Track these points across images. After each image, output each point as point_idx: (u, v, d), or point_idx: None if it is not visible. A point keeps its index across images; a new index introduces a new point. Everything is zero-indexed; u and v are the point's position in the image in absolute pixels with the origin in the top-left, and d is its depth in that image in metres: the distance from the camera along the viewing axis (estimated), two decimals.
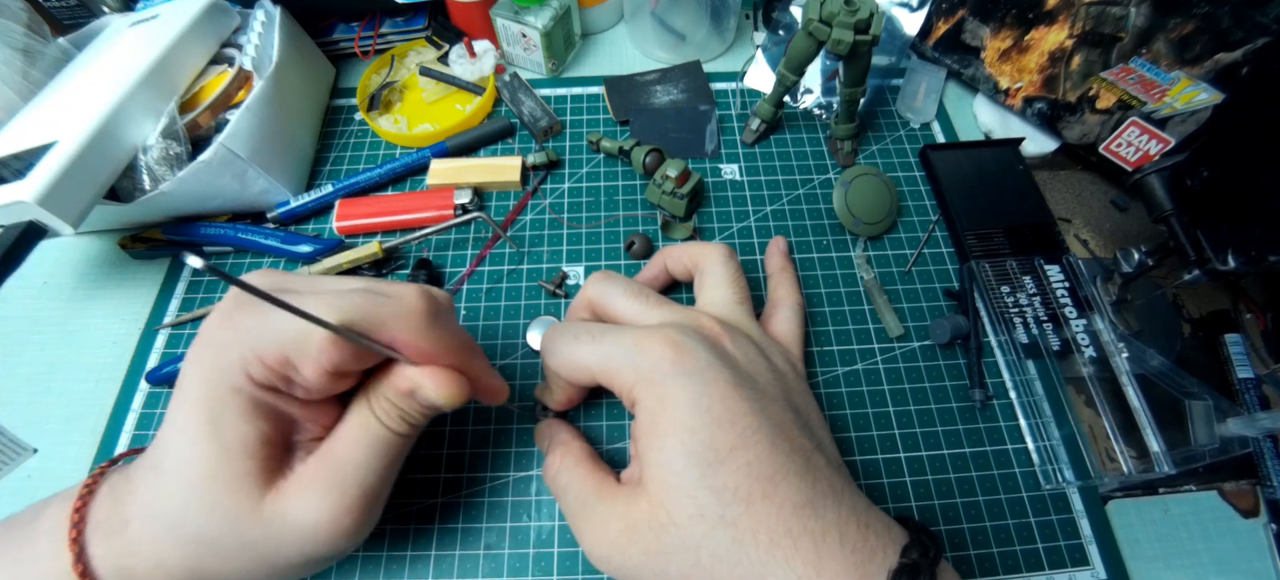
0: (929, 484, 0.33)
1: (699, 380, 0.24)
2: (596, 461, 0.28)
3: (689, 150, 0.45)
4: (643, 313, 0.29)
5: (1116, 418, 0.33)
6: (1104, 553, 0.31)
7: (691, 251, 0.33)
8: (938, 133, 0.47)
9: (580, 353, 0.27)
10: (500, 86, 0.48)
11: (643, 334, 0.26)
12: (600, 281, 0.31)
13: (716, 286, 0.31)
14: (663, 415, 0.24)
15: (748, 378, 0.26)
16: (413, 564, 0.31)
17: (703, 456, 0.23)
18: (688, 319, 0.28)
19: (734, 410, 0.24)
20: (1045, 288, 0.38)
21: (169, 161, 0.37)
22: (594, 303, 0.31)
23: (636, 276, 0.35)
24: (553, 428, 0.31)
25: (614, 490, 0.26)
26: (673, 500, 0.23)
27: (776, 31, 0.52)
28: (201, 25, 0.42)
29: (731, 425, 0.23)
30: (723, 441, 0.23)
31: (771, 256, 0.38)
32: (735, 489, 0.22)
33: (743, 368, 0.26)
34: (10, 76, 0.39)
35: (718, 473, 0.22)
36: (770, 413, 0.25)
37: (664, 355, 0.25)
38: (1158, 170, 0.35)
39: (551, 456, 0.29)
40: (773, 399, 0.26)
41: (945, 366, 0.36)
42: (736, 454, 0.23)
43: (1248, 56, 0.34)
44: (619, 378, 0.26)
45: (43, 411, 0.36)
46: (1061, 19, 0.41)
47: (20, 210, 0.32)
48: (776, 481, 0.22)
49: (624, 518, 0.24)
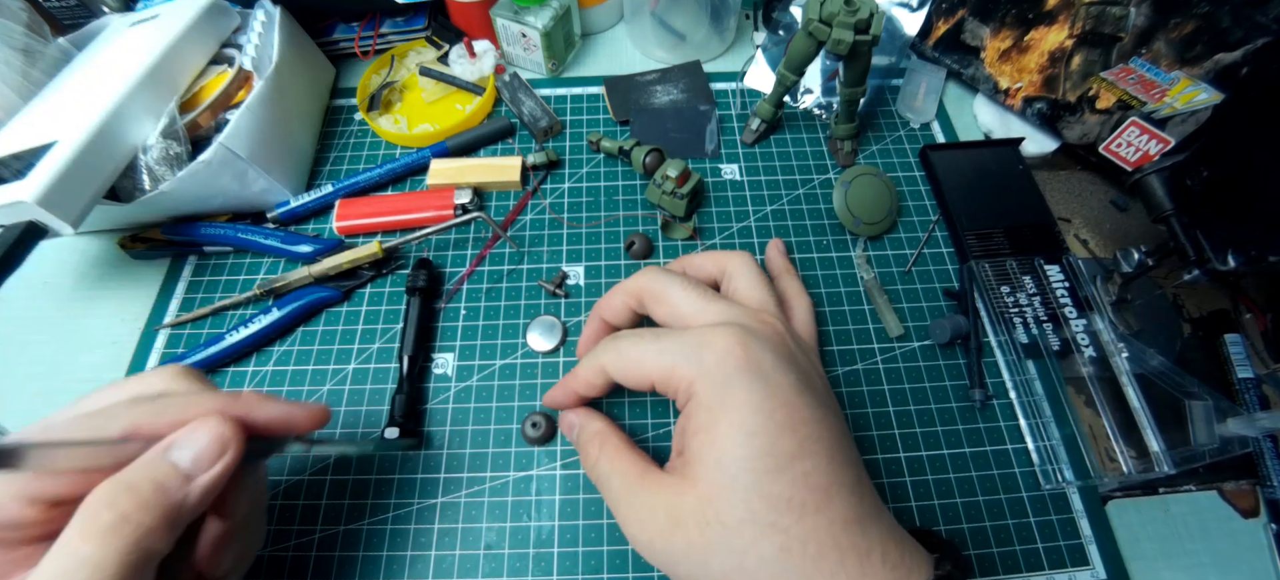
0: (929, 484, 0.33)
1: (764, 383, 0.23)
2: (636, 448, 0.27)
3: (689, 150, 0.45)
4: (702, 307, 0.27)
5: (1116, 418, 0.33)
6: (1104, 553, 0.31)
7: (716, 258, 0.32)
8: (938, 133, 0.47)
9: (646, 353, 0.26)
10: (500, 86, 0.48)
11: (707, 330, 0.25)
12: (656, 274, 0.29)
13: (754, 288, 0.30)
14: (723, 414, 0.23)
15: (809, 384, 0.25)
16: (413, 564, 0.31)
17: (761, 462, 0.22)
18: (750, 318, 0.27)
19: (796, 417, 0.23)
20: (1045, 288, 0.38)
21: (169, 161, 0.37)
22: (645, 294, 0.29)
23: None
24: (583, 417, 0.29)
25: (659, 479, 0.25)
26: (724, 500, 0.22)
27: (776, 31, 0.52)
28: (201, 25, 0.42)
29: (793, 432, 0.23)
30: (783, 448, 0.22)
31: (773, 258, 0.37)
32: (789, 498, 0.22)
33: (806, 372, 0.26)
34: (10, 76, 0.39)
35: (775, 480, 0.22)
36: (829, 423, 0.24)
37: (730, 351, 0.24)
38: (1158, 170, 0.35)
39: (589, 446, 0.28)
40: (830, 408, 0.25)
41: (945, 366, 0.36)
42: (795, 463, 0.22)
43: (1248, 56, 0.34)
44: (678, 373, 0.25)
45: (43, 411, 0.35)
46: (1061, 19, 0.41)
47: (20, 210, 0.32)
48: (830, 495, 0.22)
49: (669, 508, 0.24)
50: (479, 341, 0.37)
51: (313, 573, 0.31)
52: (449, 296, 0.39)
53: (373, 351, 0.37)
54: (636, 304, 0.30)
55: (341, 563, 0.31)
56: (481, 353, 0.37)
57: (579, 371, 0.29)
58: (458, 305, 0.39)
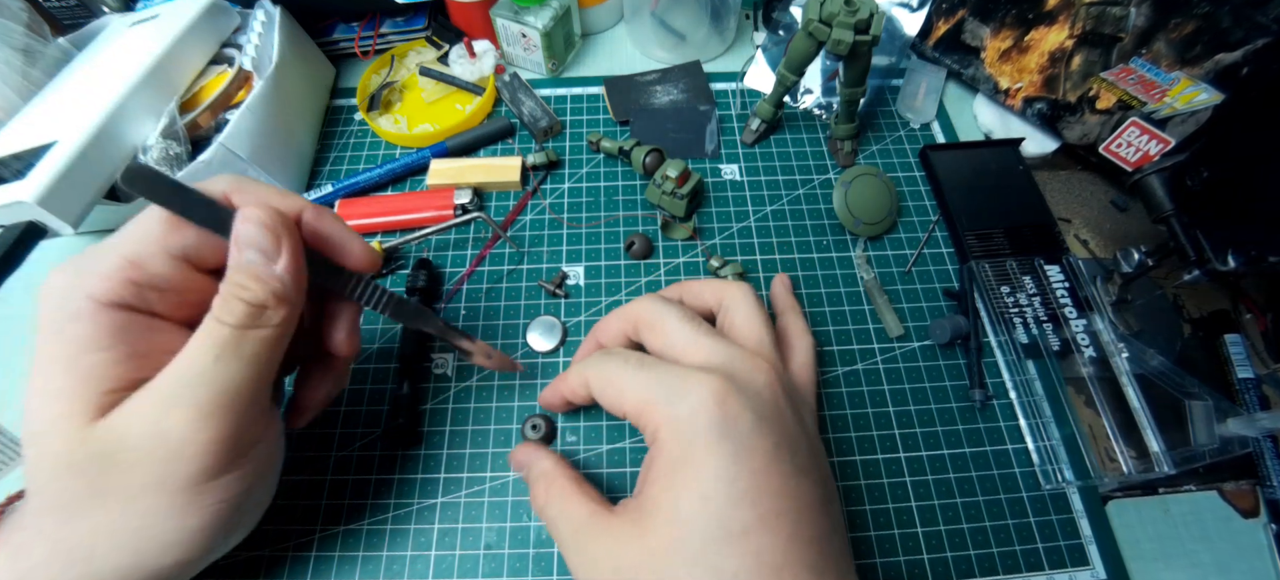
0: (929, 484, 0.33)
1: (733, 446, 0.22)
2: (585, 487, 0.26)
3: (689, 150, 0.45)
4: (695, 341, 0.26)
5: (1116, 418, 0.33)
6: (1104, 553, 0.31)
7: (714, 288, 0.30)
8: (938, 133, 0.47)
9: (626, 379, 0.25)
10: (500, 86, 0.48)
11: (690, 375, 0.24)
12: (652, 303, 0.28)
13: (751, 325, 0.28)
14: (684, 471, 0.22)
15: (791, 446, 0.24)
16: (413, 564, 0.31)
17: (712, 530, 0.21)
18: (742, 361, 0.25)
19: (762, 487, 0.22)
20: (1045, 288, 0.38)
21: (169, 161, 0.37)
22: (640, 322, 0.28)
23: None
24: (531, 455, 0.29)
25: (606, 523, 0.24)
26: (668, 562, 0.22)
27: (776, 31, 0.52)
28: (201, 25, 0.42)
29: (752, 505, 0.21)
30: (737, 520, 0.21)
31: (778, 295, 0.35)
32: (735, 573, 0.21)
33: (789, 433, 0.24)
34: (10, 76, 0.39)
35: (722, 551, 0.21)
36: (801, 492, 0.23)
37: (704, 405, 0.23)
38: (1158, 170, 0.35)
39: (537, 486, 0.27)
40: (806, 473, 0.24)
41: (945, 366, 0.36)
42: (749, 537, 0.21)
43: (1248, 56, 0.34)
44: (650, 413, 0.24)
45: None
46: (1061, 19, 0.41)
47: (20, 210, 0.32)
48: (783, 575, 0.21)
49: (615, 558, 0.23)
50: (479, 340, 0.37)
51: (313, 573, 0.31)
52: (449, 297, 0.39)
53: (373, 352, 0.37)
54: (632, 330, 0.29)
55: (341, 563, 0.31)
56: None
57: (568, 377, 0.29)
58: (458, 305, 0.39)
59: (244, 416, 0.22)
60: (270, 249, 0.22)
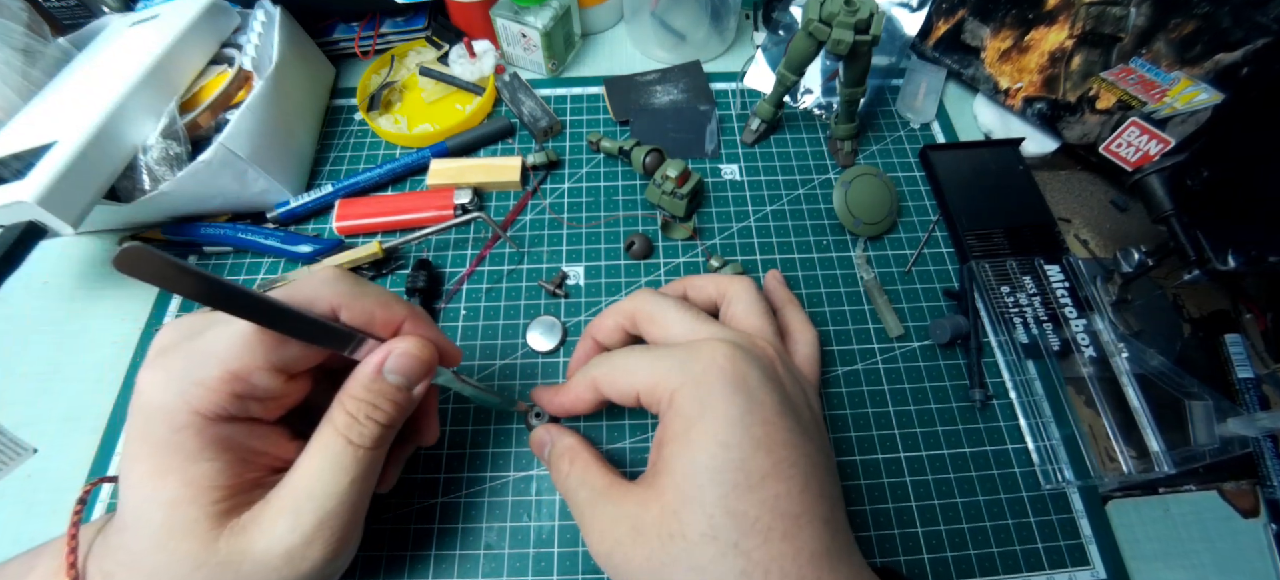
0: (929, 484, 0.33)
1: (747, 396, 0.23)
2: (607, 464, 0.27)
3: (689, 150, 0.45)
4: (696, 328, 0.27)
5: (1116, 418, 0.33)
6: (1104, 553, 0.31)
7: (716, 282, 0.31)
8: (938, 133, 0.47)
9: (636, 362, 0.26)
10: (500, 86, 0.48)
11: (698, 342, 0.25)
12: (650, 296, 0.29)
13: (752, 314, 0.29)
14: (700, 422, 0.23)
15: (793, 408, 0.25)
16: (413, 564, 0.31)
17: (730, 476, 0.22)
18: (742, 338, 0.26)
19: (775, 437, 0.22)
20: (1045, 288, 0.38)
21: (169, 161, 0.37)
22: (639, 315, 0.29)
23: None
24: (553, 434, 0.29)
25: (625, 490, 0.25)
26: (688, 513, 0.22)
27: (776, 31, 0.52)
28: (201, 25, 0.42)
29: (768, 452, 0.22)
30: (755, 466, 0.22)
31: (773, 289, 0.35)
32: (756, 519, 0.21)
33: (790, 396, 0.25)
34: (10, 76, 0.39)
35: (743, 497, 0.21)
36: (808, 450, 0.23)
37: (715, 361, 0.24)
38: (1158, 170, 0.35)
39: (561, 462, 0.28)
40: (814, 437, 0.25)
41: (945, 366, 0.36)
42: (767, 483, 0.22)
43: (1248, 56, 0.34)
44: (664, 382, 0.24)
45: (43, 411, 0.36)
46: (1061, 19, 0.41)
47: (20, 210, 0.32)
48: (800, 523, 0.22)
49: (632, 519, 0.23)
50: (479, 341, 0.37)
51: None
52: (449, 297, 0.39)
53: None
54: (630, 324, 0.29)
55: None
56: (481, 353, 0.37)
57: (570, 387, 0.29)
58: (458, 305, 0.39)
59: (358, 521, 0.24)
60: (418, 379, 0.24)
